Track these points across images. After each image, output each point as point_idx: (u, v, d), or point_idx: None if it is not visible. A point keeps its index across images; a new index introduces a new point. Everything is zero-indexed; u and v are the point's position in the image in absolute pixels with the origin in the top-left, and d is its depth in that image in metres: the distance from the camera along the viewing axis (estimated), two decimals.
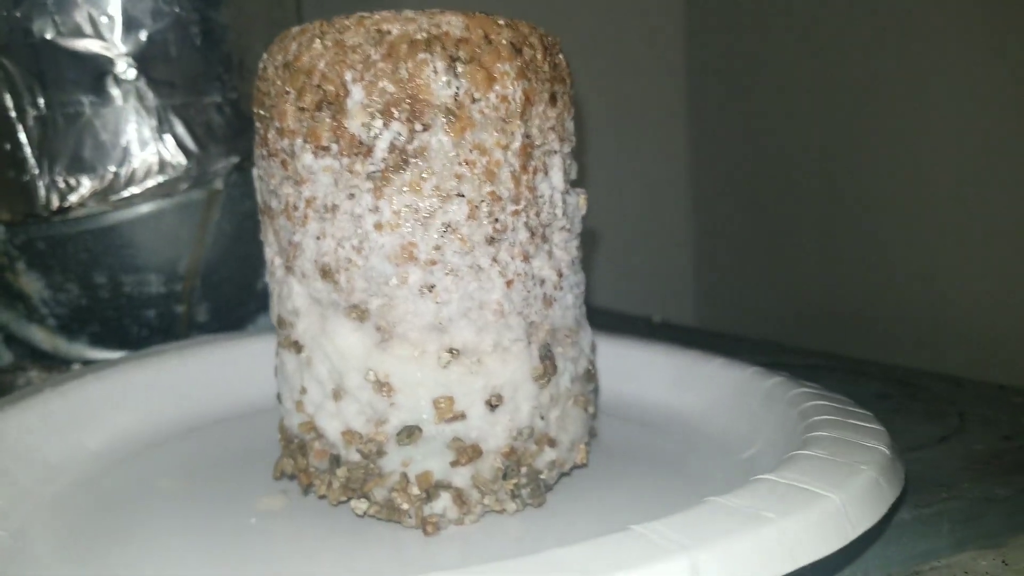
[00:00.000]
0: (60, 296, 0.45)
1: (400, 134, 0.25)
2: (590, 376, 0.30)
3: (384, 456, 0.27)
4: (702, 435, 0.33)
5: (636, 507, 0.28)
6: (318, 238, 0.26)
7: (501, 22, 0.26)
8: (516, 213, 0.26)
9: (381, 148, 0.25)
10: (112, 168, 0.41)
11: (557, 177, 0.28)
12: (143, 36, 0.40)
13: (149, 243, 0.44)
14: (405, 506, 0.26)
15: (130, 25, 0.40)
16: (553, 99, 0.27)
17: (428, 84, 0.25)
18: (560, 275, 0.28)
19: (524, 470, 0.28)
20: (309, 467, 0.28)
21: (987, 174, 0.55)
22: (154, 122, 0.42)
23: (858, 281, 0.68)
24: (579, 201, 0.30)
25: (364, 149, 0.25)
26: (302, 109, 0.26)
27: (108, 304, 0.46)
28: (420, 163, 0.25)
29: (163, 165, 0.42)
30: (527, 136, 0.26)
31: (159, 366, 0.37)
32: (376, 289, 0.26)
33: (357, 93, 0.25)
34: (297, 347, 0.28)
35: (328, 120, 0.25)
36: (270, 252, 0.29)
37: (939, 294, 0.59)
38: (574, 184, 0.30)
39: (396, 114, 0.25)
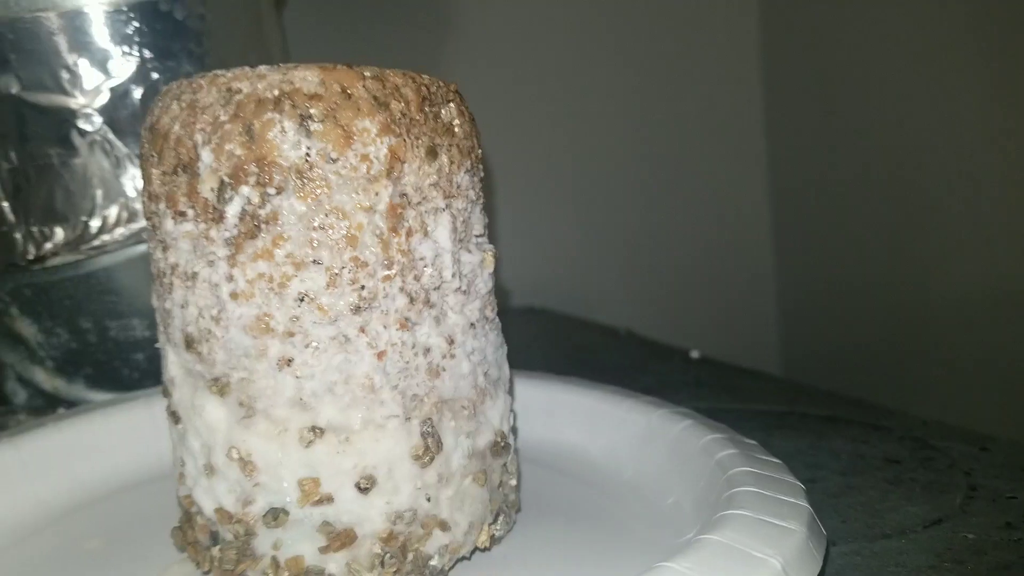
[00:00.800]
0: (53, 340, 0.46)
1: (250, 199, 0.23)
2: (498, 450, 0.28)
3: (255, 537, 0.25)
4: (617, 482, 0.31)
5: None
6: (182, 306, 0.25)
7: (367, 73, 0.24)
8: (388, 279, 0.24)
9: (232, 214, 0.24)
10: (83, 218, 0.42)
11: (443, 236, 0.26)
12: (106, 87, 0.41)
13: (127, 289, 0.45)
14: None
15: (92, 77, 0.40)
16: (433, 153, 0.25)
17: (277, 145, 0.23)
18: (451, 342, 0.26)
19: (410, 556, 0.26)
20: (197, 542, 0.27)
21: None
22: (120, 171, 0.42)
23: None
24: (484, 259, 0.28)
25: (217, 215, 0.24)
26: (164, 173, 0.25)
27: (97, 348, 0.46)
28: (273, 229, 0.24)
29: (132, 214, 0.42)
30: (400, 195, 0.24)
31: (81, 426, 0.36)
32: (236, 362, 0.24)
33: (207, 156, 0.24)
34: (175, 417, 0.27)
35: (184, 184, 0.24)
36: (156, 318, 0.28)
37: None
38: (484, 237, 0.28)
39: (245, 178, 0.23)
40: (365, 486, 0.24)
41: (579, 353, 0.67)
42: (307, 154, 0.23)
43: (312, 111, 0.23)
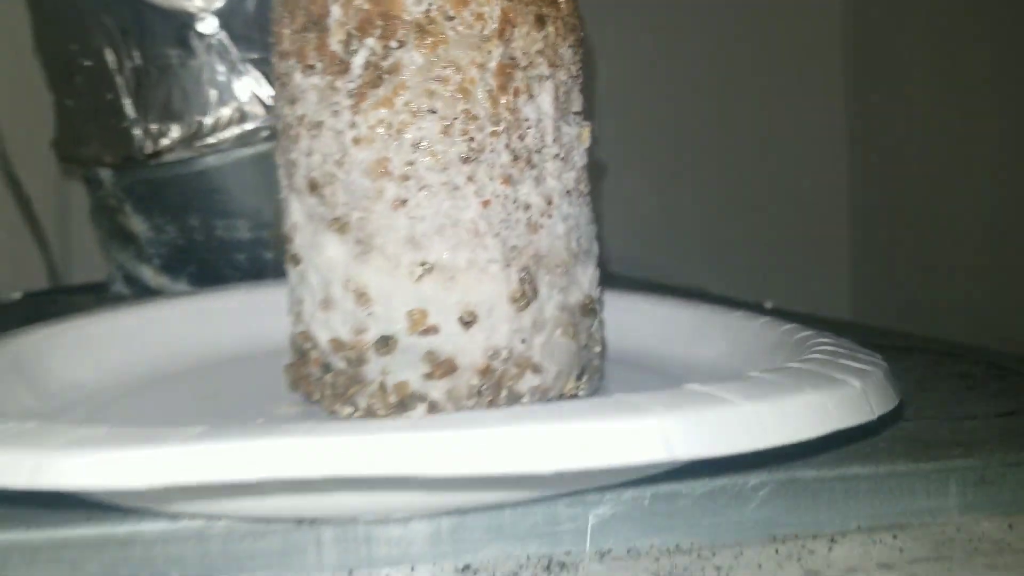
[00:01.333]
0: (162, 237, 0.50)
1: (374, 51, 0.26)
2: (587, 311, 0.30)
3: (365, 364, 0.28)
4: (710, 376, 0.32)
5: None
6: (308, 154, 0.28)
7: None
8: (495, 134, 0.27)
9: (358, 65, 0.26)
10: (197, 117, 0.45)
11: (546, 102, 0.28)
12: None
13: (235, 190, 0.48)
14: (382, 413, 0.27)
15: None
16: (541, 21, 0.27)
17: (401, 1, 0.26)
18: (549, 203, 0.28)
19: (504, 392, 0.28)
20: (310, 375, 0.30)
21: None
22: (234, 75, 0.45)
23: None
24: (581, 133, 0.30)
25: (343, 66, 0.26)
26: (294, 31, 0.27)
27: (203, 246, 0.50)
28: (393, 79, 0.26)
29: (243, 115, 0.45)
30: (509, 57, 0.27)
31: (155, 311, 0.39)
32: (355, 203, 0.27)
33: (336, 11, 0.26)
34: (295, 260, 0.29)
35: (314, 39, 0.27)
36: (279, 173, 0.30)
37: None
38: (581, 116, 0.30)
39: (370, 31, 0.26)
40: (467, 320, 0.27)
41: None
42: (428, 10, 0.26)
43: None
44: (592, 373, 0.31)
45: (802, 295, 0.93)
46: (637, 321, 0.38)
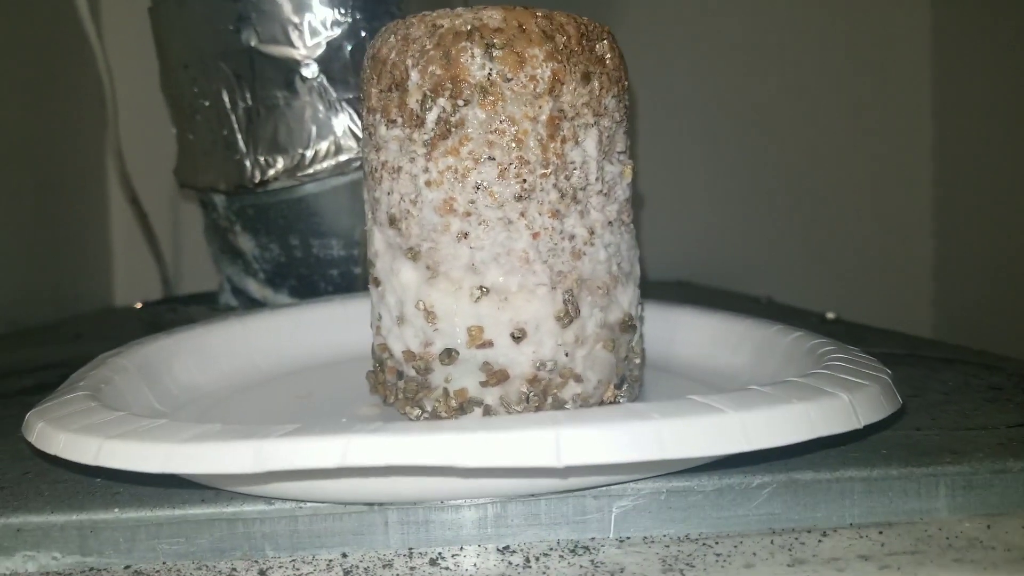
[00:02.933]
0: (266, 254, 0.56)
1: (445, 109, 0.31)
2: (626, 327, 0.34)
3: (432, 373, 0.32)
4: (732, 381, 0.37)
5: None
6: (389, 194, 0.33)
7: (539, 13, 0.31)
8: (544, 176, 0.31)
9: (431, 120, 0.31)
10: (300, 150, 0.51)
11: (591, 147, 0.32)
12: (324, 42, 0.50)
13: (330, 213, 0.54)
14: (445, 415, 0.32)
15: (314, 33, 0.49)
16: (587, 78, 0.32)
17: (467, 67, 0.30)
18: (592, 233, 0.32)
19: (549, 399, 0.32)
20: (386, 381, 0.35)
21: None
22: (332, 113, 0.51)
23: None
24: (624, 170, 0.34)
25: (419, 121, 0.31)
26: (380, 91, 0.33)
27: (302, 263, 0.56)
28: (459, 132, 0.31)
29: (338, 148, 0.51)
30: (558, 110, 0.31)
31: (260, 321, 0.44)
32: (426, 235, 0.32)
33: (415, 76, 0.31)
34: (377, 282, 0.34)
35: (396, 98, 0.32)
36: (366, 208, 0.36)
37: None
38: (624, 155, 0.34)
39: (442, 92, 0.31)
40: (518, 336, 0.31)
41: None
42: (489, 74, 0.30)
43: (495, 41, 0.30)
44: (632, 382, 0.35)
45: (882, 309, 0.94)
46: (675, 332, 0.42)
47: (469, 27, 0.31)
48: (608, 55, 0.33)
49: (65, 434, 0.26)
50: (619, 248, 0.34)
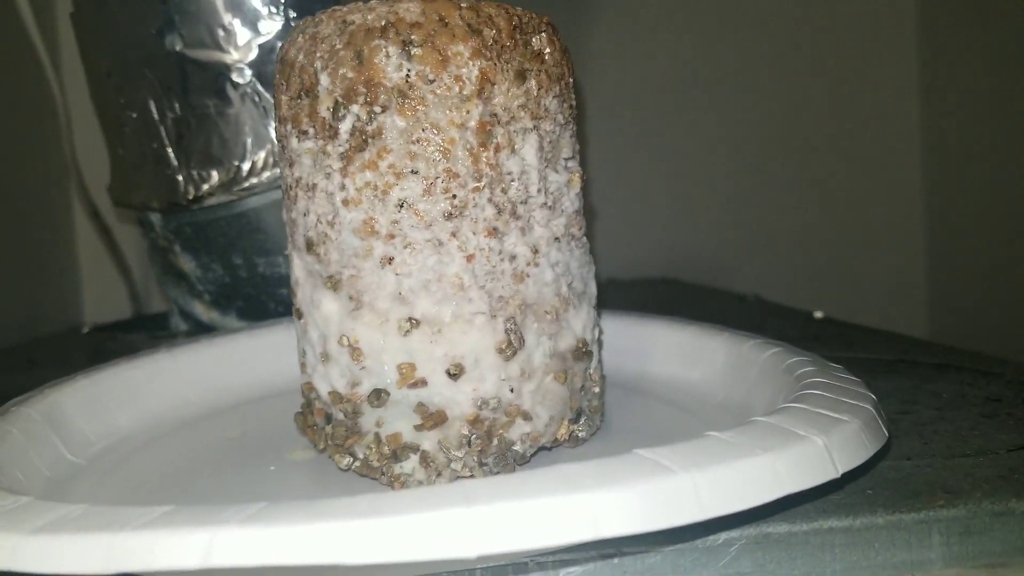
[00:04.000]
0: (209, 275, 0.52)
1: (359, 117, 0.27)
2: (580, 355, 0.30)
3: (361, 416, 0.29)
4: (708, 404, 0.33)
5: None
6: (305, 214, 0.29)
7: (463, 4, 0.27)
8: (477, 190, 0.27)
9: (345, 130, 0.27)
10: (235, 162, 0.47)
11: (530, 154, 0.28)
12: (256, 44, 0.46)
13: (274, 228, 0.50)
14: (376, 463, 0.28)
15: (244, 35, 0.46)
16: (522, 76, 0.28)
17: (382, 68, 0.27)
18: (535, 252, 0.29)
19: (495, 440, 0.29)
20: (315, 424, 0.31)
21: None
22: (268, 120, 0.47)
23: None
24: (571, 179, 0.30)
25: (332, 131, 0.27)
26: (291, 98, 0.29)
27: (247, 283, 0.52)
28: (377, 143, 0.27)
29: (276, 158, 0.47)
30: (490, 114, 0.27)
31: (192, 353, 0.40)
32: (347, 261, 0.28)
33: (324, 80, 0.27)
34: (299, 314, 0.31)
35: (306, 106, 0.28)
36: (286, 230, 0.32)
37: None
38: (573, 161, 0.31)
39: (355, 98, 0.27)
40: (454, 372, 0.28)
41: (704, 314, 0.68)
42: (407, 75, 0.27)
43: (413, 37, 0.27)
44: (592, 413, 0.32)
45: (874, 305, 0.91)
46: (636, 344, 0.40)
47: (383, 23, 0.27)
48: (547, 50, 0.29)
49: None
50: (568, 266, 0.30)
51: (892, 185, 0.92)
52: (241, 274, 0.52)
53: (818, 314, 0.67)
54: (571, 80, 0.31)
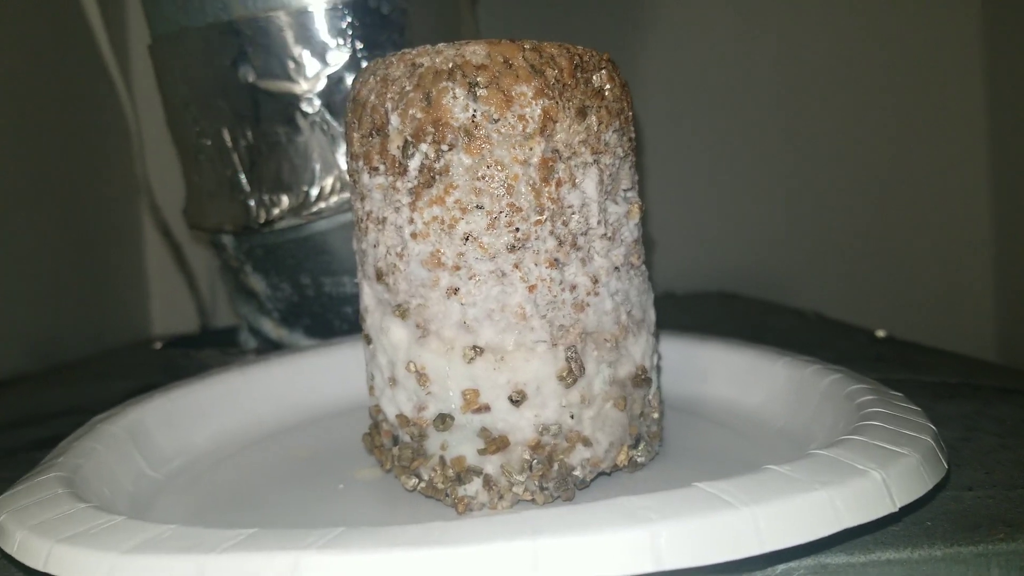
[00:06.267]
0: (278, 294, 0.54)
1: (428, 155, 0.28)
2: (639, 381, 0.31)
3: (426, 439, 0.30)
4: (768, 430, 0.33)
5: None
6: (375, 246, 0.30)
7: (527, 46, 0.28)
8: (539, 223, 0.28)
9: (413, 167, 0.29)
10: (304, 187, 0.49)
11: (590, 188, 0.29)
12: (324, 75, 0.48)
13: (339, 250, 0.52)
14: (441, 485, 0.30)
15: (313, 67, 0.47)
16: (583, 114, 0.29)
17: (449, 108, 0.28)
18: (595, 281, 0.30)
19: (555, 465, 0.29)
20: (382, 445, 0.32)
21: None
22: (335, 147, 0.49)
23: None
24: (630, 210, 0.31)
25: (402, 168, 0.29)
26: (362, 136, 0.30)
27: (314, 301, 0.54)
28: (445, 179, 0.28)
29: (343, 183, 0.49)
30: (552, 151, 0.28)
31: (263, 372, 0.42)
32: (414, 291, 0.29)
33: (395, 120, 0.29)
34: (368, 339, 0.32)
35: (377, 144, 0.29)
36: (356, 259, 0.33)
37: None
38: (632, 192, 0.31)
39: (424, 137, 0.28)
40: (517, 399, 0.29)
41: (763, 331, 0.68)
42: (473, 115, 0.28)
43: (479, 79, 0.28)
44: (651, 439, 0.32)
45: (940, 322, 0.89)
46: (694, 366, 0.40)
47: (450, 65, 0.28)
48: (607, 86, 0.30)
49: (21, 532, 0.24)
50: (628, 295, 0.31)
51: (958, 197, 0.90)
52: (308, 293, 0.54)
53: (880, 333, 0.67)
54: (631, 114, 0.32)
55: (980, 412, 0.40)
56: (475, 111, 0.28)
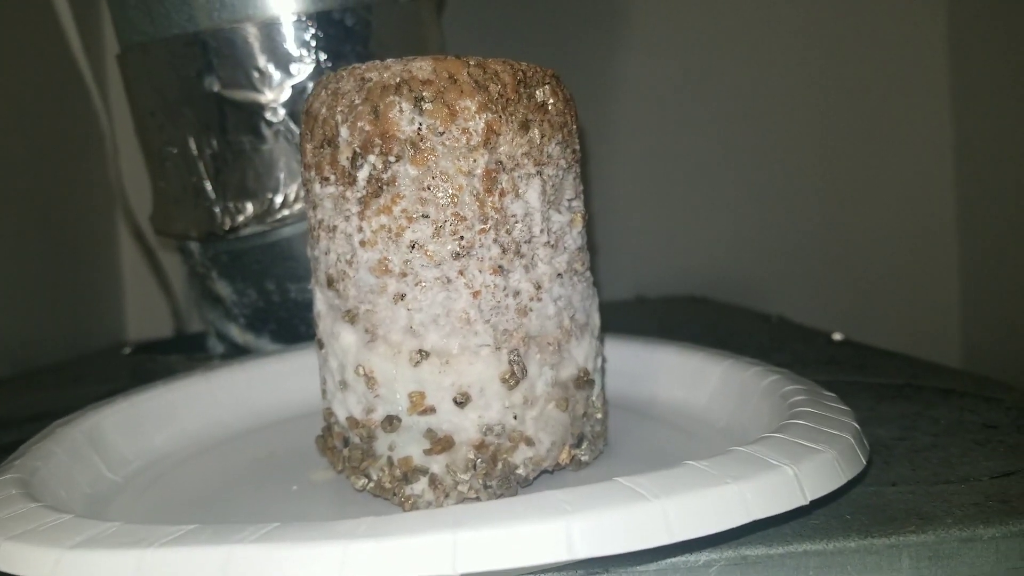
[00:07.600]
0: (244, 300, 0.55)
1: (375, 166, 0.29)
2: (581, 383, 0.32)
3: (375, 440, 0.31)
4: (712, 429, 0.35)
5: None
6: (326, 253, 0.32)
7: (471, 62, 0.30)
8: (483, 231, 0.30)
9: (362, 177, 0.30)
10: (269, 194, 0.50)
11: (533, 197, 0.31)
12: (288, 85, 0.49)
13: (305, 256, 0.53)
14: (389, 485, 0.31)
15: (278, 77, 0.48)
16: (525, 127, 0.30)
17: (396, 122, 0.29)
18: (538, 287, 0.31)
19: (499, 464, 0.31)
20: (334, 447, 0.33)
21: None
22: (299, 155, 0.50)
23: None
24: (573, 219, 0.32)
25: (351, 178, 0.30)
26: (315, 147, 0.31)
27: (280, 307, 0.55)
28: (392, 189, 0.29)
29: None
30: (495, 162, 0.30)
31: (226, 376, 0.43)
32: (363, 297, 0.30)
33: (344, 132, 0.30)
34: (320, 344, 0.33)
35: (328, 155, 0.31)
36: (311, 265, 0.34)
37: None
38: (576, 201, 0.33)
39: (372, 148, 0.29)
40: (461, 401, 0.30)
41: (727, 335, 0.70)
42: (419, 128, 0.29)
43: (424, 93, 0.29)
44: (594, 439, 0.34)
45: (905, 327, 0.91)
46: (646, 370, 0.42)
47: (398, 80, 0.29)
48: (551, 100, 0.31)
49: None
50: (571, 300, 0.32)
51: (923, 204, 0.92)
52: (274, 299, 0.55)
53: (837, 336, 0.69)
54: (575, 127, 0.33)
55: (919, 413, 0.42)
56: (421, 124, 0.29)
